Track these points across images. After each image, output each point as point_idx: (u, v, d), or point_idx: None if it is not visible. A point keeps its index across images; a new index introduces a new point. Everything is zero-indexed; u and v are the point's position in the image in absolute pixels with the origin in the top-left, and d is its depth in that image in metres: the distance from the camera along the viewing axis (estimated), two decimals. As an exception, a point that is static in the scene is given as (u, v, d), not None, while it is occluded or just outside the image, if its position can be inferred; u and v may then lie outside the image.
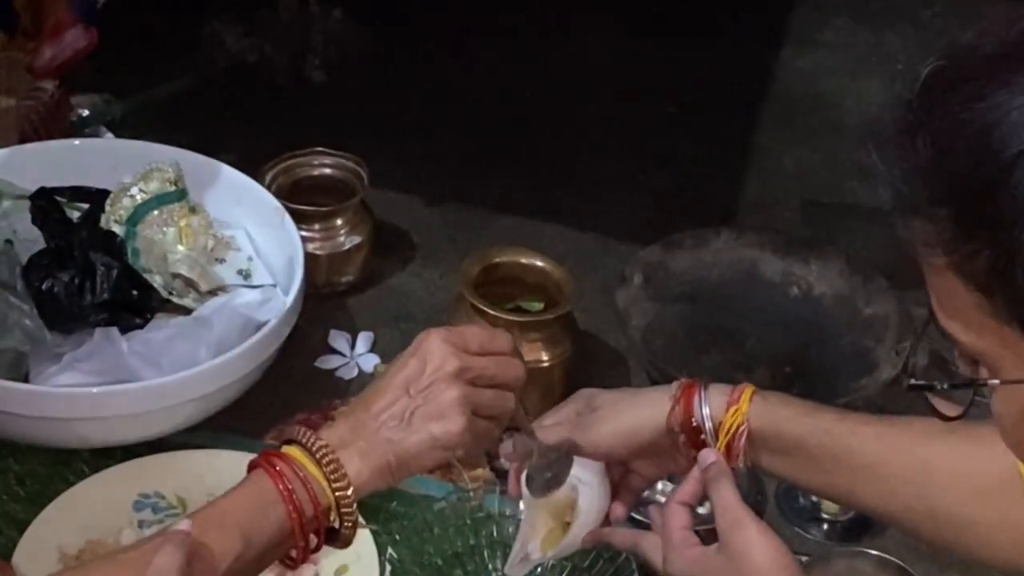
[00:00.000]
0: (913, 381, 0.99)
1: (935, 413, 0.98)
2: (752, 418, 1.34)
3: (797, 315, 1.87)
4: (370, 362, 1.80)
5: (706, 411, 1.35)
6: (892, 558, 1.53)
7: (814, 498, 1.66)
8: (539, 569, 1.53)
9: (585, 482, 1.38)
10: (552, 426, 1.39)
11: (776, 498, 1.69)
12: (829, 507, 1.66)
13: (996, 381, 0.92)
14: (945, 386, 0.96)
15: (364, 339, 1.83)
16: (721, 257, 1.89)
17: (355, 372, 1.80)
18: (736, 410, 1.34)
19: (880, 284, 1.82)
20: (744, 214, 2.05)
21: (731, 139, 2.17)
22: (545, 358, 1.72)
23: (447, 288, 1.87)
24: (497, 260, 1.75)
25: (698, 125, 2.17)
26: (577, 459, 1.36)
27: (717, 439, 1.35)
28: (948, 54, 0.90)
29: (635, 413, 1.38)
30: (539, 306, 1.76)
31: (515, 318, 1.70)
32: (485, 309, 1.69)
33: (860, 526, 1.66)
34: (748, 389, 1.36)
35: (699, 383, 1.37)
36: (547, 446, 1.35)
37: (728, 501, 1.28)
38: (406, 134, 2.11)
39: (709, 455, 1.32)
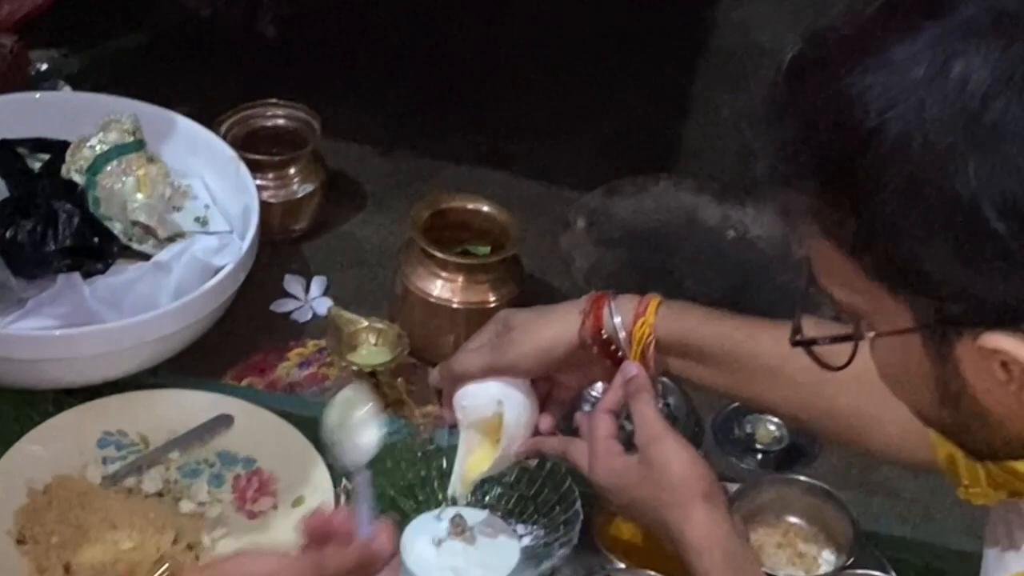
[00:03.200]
0: (799, 338, 1.06)
1: (821, 364, 1.05)
2: (658, 328, 1.41)
3: (734, 257, 1.95)
4: (323, 305, 1.87)
5: (617, 321, 1.41)
6: (819, 483, 1.61)
7: (748, 429, 1.74)
8: (487, 498, 1.61)
9: (510, 399, 1.45)
10: (474, 350, 1.46)
11: (712, 428, 1.76)
12: (763, 437, 1.74)
13: (872, 334, 0.99)
14: (827, 342, 1.03)
15: (318, 283, 1.90)
16: (661, 202, 1.97)
17: (309, 315, 1.87)
18: (643, 322, 1.41)
19: (813, 226, 1.90)
20: (684, 160, 2.12)
21: (671, 88, 2.24)
22: (492, 299, 1.78)
23: (397, 234, 1.93)
24: (445, 206, 1.82)
25: (639, 75, 2.23)
26: (501, 378, 1.44)
27: (630, 348, 1.41)
28: (809, 37, 0.96)
29: (548, 331, 1.44)
30: (486, 250, 1.83)
31: (463, 260, 1.78)
32: (434, 252, 1.76)
33: (792, 455, 1.73)
34: (654, 300, 1.42)
35: (607, 296, 1.43)
36: None
37: (647, 415, 1.36)
38: (357, 85, 2.16)
39: (631, 368, 1.39)
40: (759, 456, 1.74)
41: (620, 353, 1.42)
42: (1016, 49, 0.89)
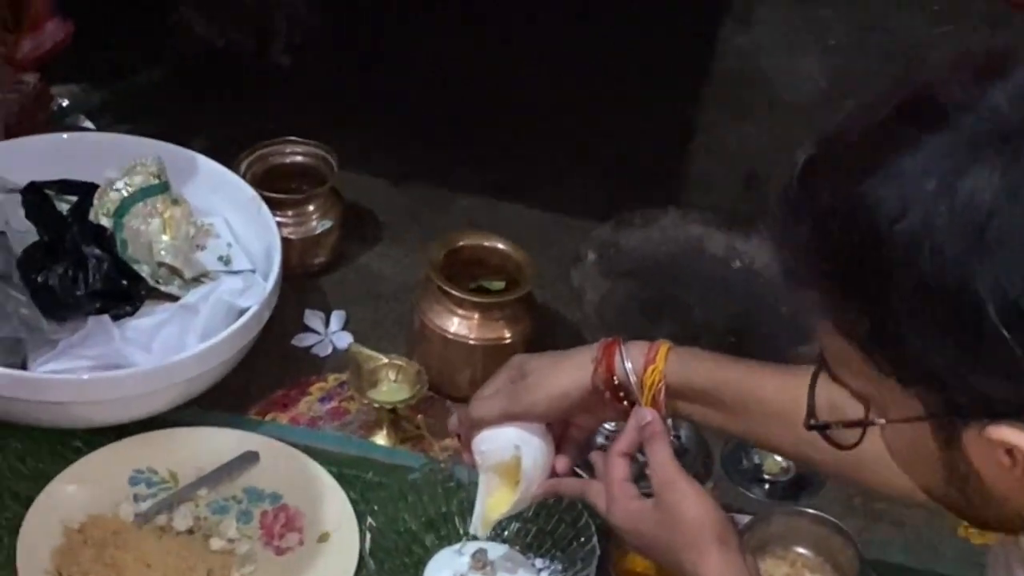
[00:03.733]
0: (813, 422, 1.13)
1: (832, 444, 1.12)
2: (668, 374, 1.46)
3: (740, 287, 2.01)
4: (343, 340, 1.92)
5: (628, 367, 1.47)
6: (827, 516, 1.68)
7: (756, 460, 1.81)
8: (506, 533, 1.68)
9: (527, 443, 1.50)
10: (489, 397, 1.52)
11: (722, 460, 1.82)
12: (770, 468, 1.80)
13: (883, 421, 1.05)
14: (840, 427, 1.10)
15: (337, 317, 1.95)
16: (669, 234, 2.03)
17: (329, 349, 1.92)
18: (654, 369, 1.46)
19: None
20: (691, 190, 2.17)
21: (675, 117, 2.29)
22: (507, 335, 1.83)
23: (413, 266, 1.98)
24: (461, 243, 1.87)
25: (644, 104, 2.28)
26: (517, 423, 1.50)
27: (641, 394, 1.47)
28: (821, 141, 1.01)
29: (562, 378, 1.49)
30: (500, 285, 1.88)
31: (478, 299, 1.83)
32: (450, 291, 1.81)
33: (798, 485, 1.80)
34: (663, 347, 1.48)
35: (618, 343, 1.49)
36: None
37: (662, 460, 1.41)
38: (370, 116, 2.21)
39: (646, 414, 1.44)
40: (766, 486, 1.80)
41: (632, 399, 1.48)
42: (1021, 165, 0.94)
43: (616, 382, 1.48)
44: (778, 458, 1.79)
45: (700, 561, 1.38)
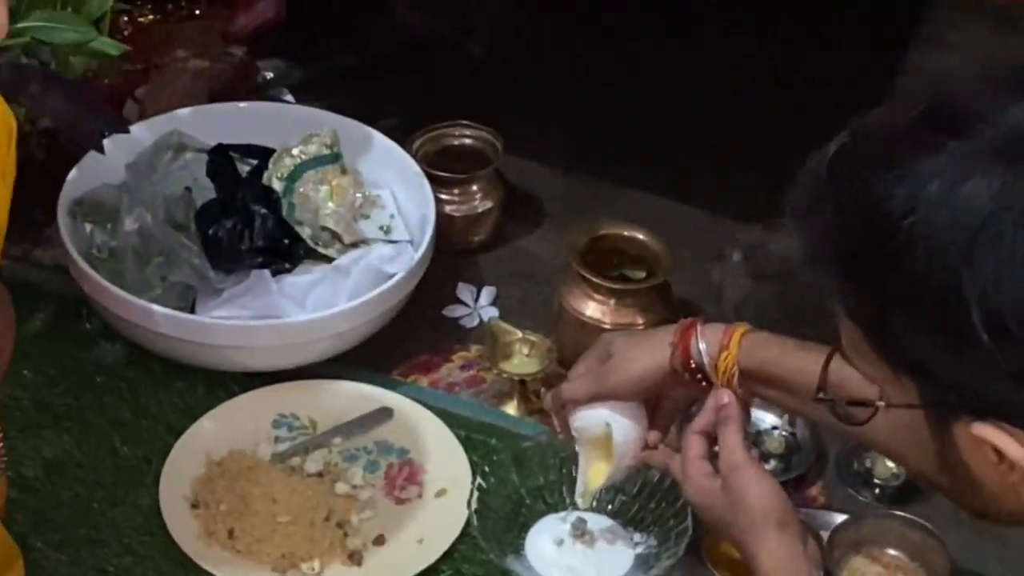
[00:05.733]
0: (821, 395, 1.19)
1: (839, 419, 1.18)
2: (741, 359, 1.52)
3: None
4: (490, 314, 2.02)
5: (703, 348, 1.53)
6: (920, 520, 1.71)
7: (868, 463, 1.84)
8: (610, 506, 1.76)
9: (616, 420, 1.58)
10: (579, 377, 1.60)
11: (836, 461, 1.87)
12: (880, 472, 1.83)
13: (883, 404, 1.10)
14: (844, 403, 1.16)
15: (487, 293, 2.06)
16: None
17: (476, 321, 2.02)
18: (727, 354, 1.52)
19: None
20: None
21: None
22: (640, 321, 1.91)
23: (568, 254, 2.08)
24: (603, 232, 1.96)
25: (820, 115, 2.31)
26: (606, 402, 1.58)
27: (715, 377, 1.53)
28: (853, 132, 1.07)
29: (643, 359, 1.56)
30: (641, 274, 1.97)
31: (614, 285, 1.91)
32: (587, 276, 1.90)
33: (909, 491, 1.82)
34: (739, 331, 1.53)
35: (696, 325, 1.55)
36: None
37: (731, 444, 1.47)
38: (548, 110, 2.31)
39: (723, 396, 1.50)
40: (876, 490, 1.84)
41: (709, 381, 1.54)
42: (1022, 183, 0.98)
43: (693, 364, 1.54)
44: (889, 463, 1.83)
45: (759, 544, 1.44)
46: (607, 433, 1.59)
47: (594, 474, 1.65)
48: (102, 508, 1.76)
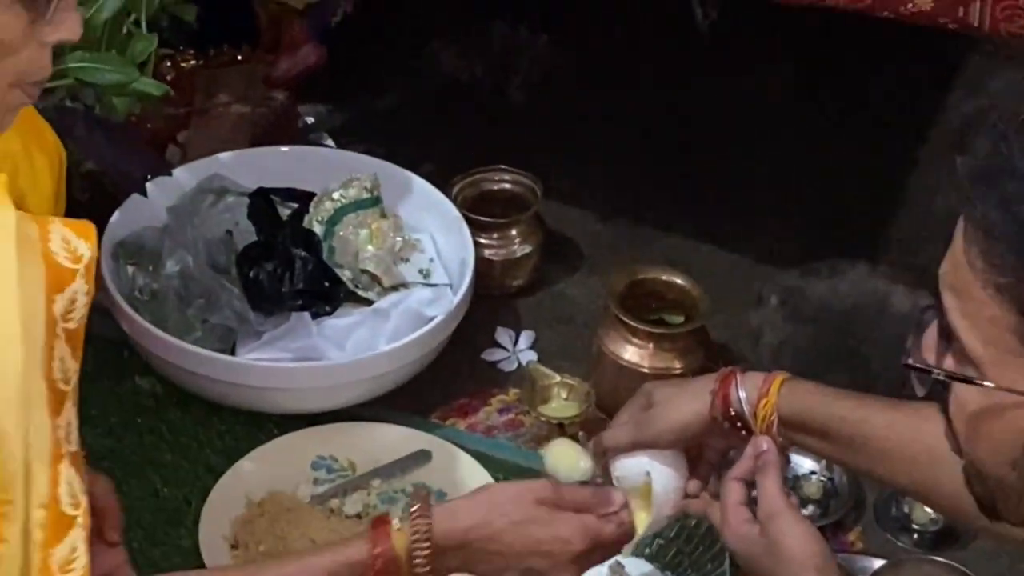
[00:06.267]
0: (912, 361, 1.14)
1: (906, 386, 1.15)
2: (780, 407, 1.52)
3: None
4: (528, 358, 2.03)
5: (743, 396, 1.53)
6: (957, 565, 1.71)
7: (906, 509, 1.84)
8: (647, 550, 1.76)
9: (656, 469, 1.58)
10: (621, 426, 1.61)
11: (874, 506, 1.87)
12: (919, 518, 1.83)
13: (991, 384, 1.07)
14: (941, 375, 1.11)
15: (526, 337, 2.07)
16: (855, 287, 2.08)
17: (515, 365, 2.03)
18: (766, 402, 1.52)
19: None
20: (884, 246, 2.21)
21: (888, 177, 2.33)
22: (678, 366, 1.92)
23: (606, 297, 2.09)
24: (642, 276, 1.98)
25: (859, 160, 2.33)
26: (647, 451, 1.58)
27: (755, 425, 1.53)
28: None
29: (683, 409, 1.57)
30: (679, 319, 1.98)
31: (652, 329, 1.92)
32: (626, 320, 1.91)
33: (947, 537, 1.83)
34: (778, 379, 1.53)
35: (735, 373, 1.55)
36: None
37: (770, 491, 1.47)
38: (588, 154, 2.32)
39: (762, 443, 1.50)
40: (915, 535, 1.84)
41: (749, 429, 1.54)
42: None
43: (732, 413, 1.54)
44: (927, 509, 1.82)
45: None
46: (647, 483, 1.59)
47: (637, 520, 1.65)
48: (142, 548, 1.76)
